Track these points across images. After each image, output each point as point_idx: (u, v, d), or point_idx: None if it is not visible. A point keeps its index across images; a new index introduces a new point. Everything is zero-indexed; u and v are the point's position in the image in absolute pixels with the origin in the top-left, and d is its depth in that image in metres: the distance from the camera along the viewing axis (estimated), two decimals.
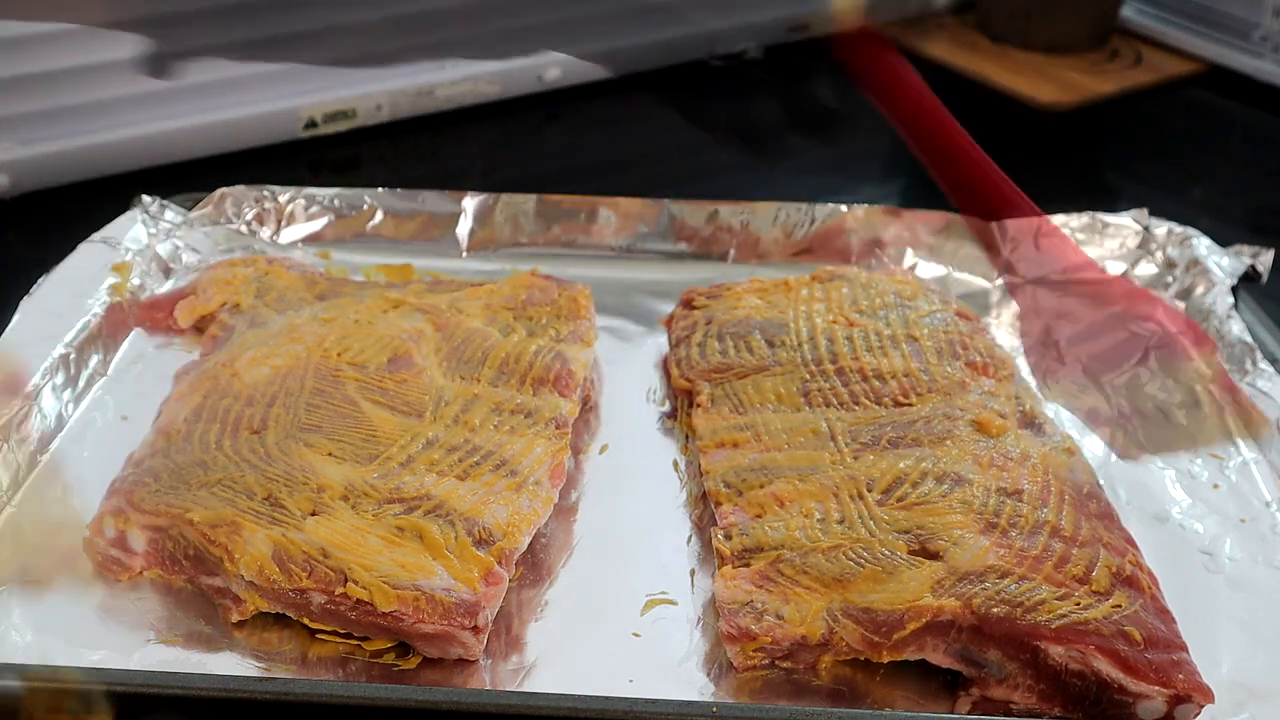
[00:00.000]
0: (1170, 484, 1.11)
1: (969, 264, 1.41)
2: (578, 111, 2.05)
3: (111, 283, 1.26)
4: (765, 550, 0.95)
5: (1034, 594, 0.90)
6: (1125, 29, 2.32)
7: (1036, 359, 1.28)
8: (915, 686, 0.92)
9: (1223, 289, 1.31)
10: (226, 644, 0.93)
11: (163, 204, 1.40)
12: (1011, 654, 0.88)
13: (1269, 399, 1.16)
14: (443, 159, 1.91)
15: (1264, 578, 1.01)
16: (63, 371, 1.15)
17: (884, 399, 1.11)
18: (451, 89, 1.97)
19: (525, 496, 1.00)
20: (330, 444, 1.03)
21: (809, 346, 1.17)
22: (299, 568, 0.92)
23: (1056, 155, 2.01)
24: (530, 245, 1.43)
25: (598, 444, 1.15)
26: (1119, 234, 1.40)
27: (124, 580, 0.97)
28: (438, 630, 0.89)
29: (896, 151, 2.09)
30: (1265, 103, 2.10)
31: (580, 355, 1.17)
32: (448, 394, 1.10)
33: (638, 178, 1.89)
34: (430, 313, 1.21)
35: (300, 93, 1.89)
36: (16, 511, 1.04)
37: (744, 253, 1.43)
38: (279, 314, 1.22)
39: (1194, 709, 0.86)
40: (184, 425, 1.06)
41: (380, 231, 1.43)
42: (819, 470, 1.02)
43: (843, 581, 0.92)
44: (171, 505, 0.97)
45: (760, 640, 0.90)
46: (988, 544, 0.94)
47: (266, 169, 1.80)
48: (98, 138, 1.75)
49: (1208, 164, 2.00)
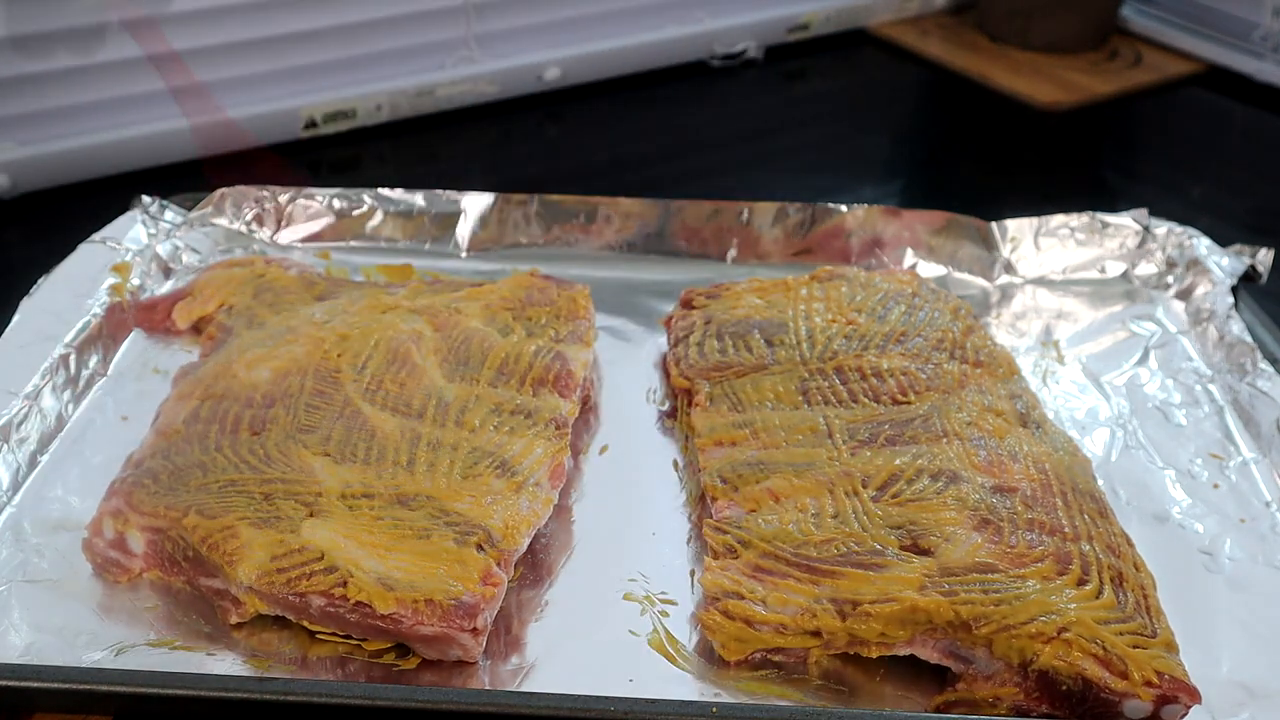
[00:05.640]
0: (1170, 484, 1.11)
1: (969, 264, 1.41)
2: (578, 111, 2.05)
3: (111, 283, 1.26)
4: (757, 543, 0.95)
5: (1023, 592, 0.90)
6: (1125, 29, 2.32)
7: (1036, 359, 1.28)
8: (907, 682, 0.92)
9: (1223, 289, 1.31)
10: (226, 644, 0.93)
11: (163, 204, 1.40)
12: (998, 652, 0.89)
13: (1269, 399, 1.16)
14: (443, 159, 1.91)
15: (1264, 578, 1.01)
16: (63, 371, 1.15)
17: (882, 397, 1.11)
18: (451, 89, 1.97)
19: (525, 497, 1.00)
20: (329, 445, 1.03)
21: (808, 345, 1.17)
22: (297, 571, 0.91)
23: (1056, 155, 2.01)
24: (530, 245, 1.43)
25: (597, 444, 1.15)
26: (1119, 234, 1.40)
27: (123, 582, 0.97)
28: (437, 632, 0.89)
29: (896, 151, 2.10)
30: (1265, 103, 2.11)
31: (580, 355, 1.17)
32: (447, 395, 1.10)
33: (638, 178, 1.89)
34: (429, 313, 1.21)
35: (300, 93, 1.89)
36: (16, 511, 1.04)
37: (744, 253, 1.43)
38: (277, 315, 1.21)
39: (1181, 709, 0.86)
40: (183, 427, 1.06)
41: (380, 231, 1.43)
42: (815, 466, 1.02)
43: (832, 575, 0.92)
44: (171, 507, 0.97)
45: (738, 624, 0.90)
46: (980, 541, 0.94)
47: (267, 169, 1.81)
48: (98, 138, 1.75)
49: (1208, 164, 2.00)
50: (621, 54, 2.12)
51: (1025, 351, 1.29)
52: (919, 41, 2.31)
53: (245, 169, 1.77)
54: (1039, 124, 2.06)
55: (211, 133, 1.77)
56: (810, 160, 1.98)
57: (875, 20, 2.36)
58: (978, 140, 2.08)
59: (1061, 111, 2.08)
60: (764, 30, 2.24)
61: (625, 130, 2.04)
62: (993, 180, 1.96)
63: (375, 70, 1.95)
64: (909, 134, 2.18)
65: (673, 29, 2.16)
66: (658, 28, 2.16)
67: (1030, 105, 2.09)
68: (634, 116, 2.08)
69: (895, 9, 2.38)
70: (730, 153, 1.98)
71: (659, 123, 2.07)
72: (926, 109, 2.27)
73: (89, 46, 1.72)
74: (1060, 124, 2.06)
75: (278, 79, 1.88)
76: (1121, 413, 1.20)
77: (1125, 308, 1.36)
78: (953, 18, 2.41)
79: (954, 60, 2.23)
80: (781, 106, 2.16)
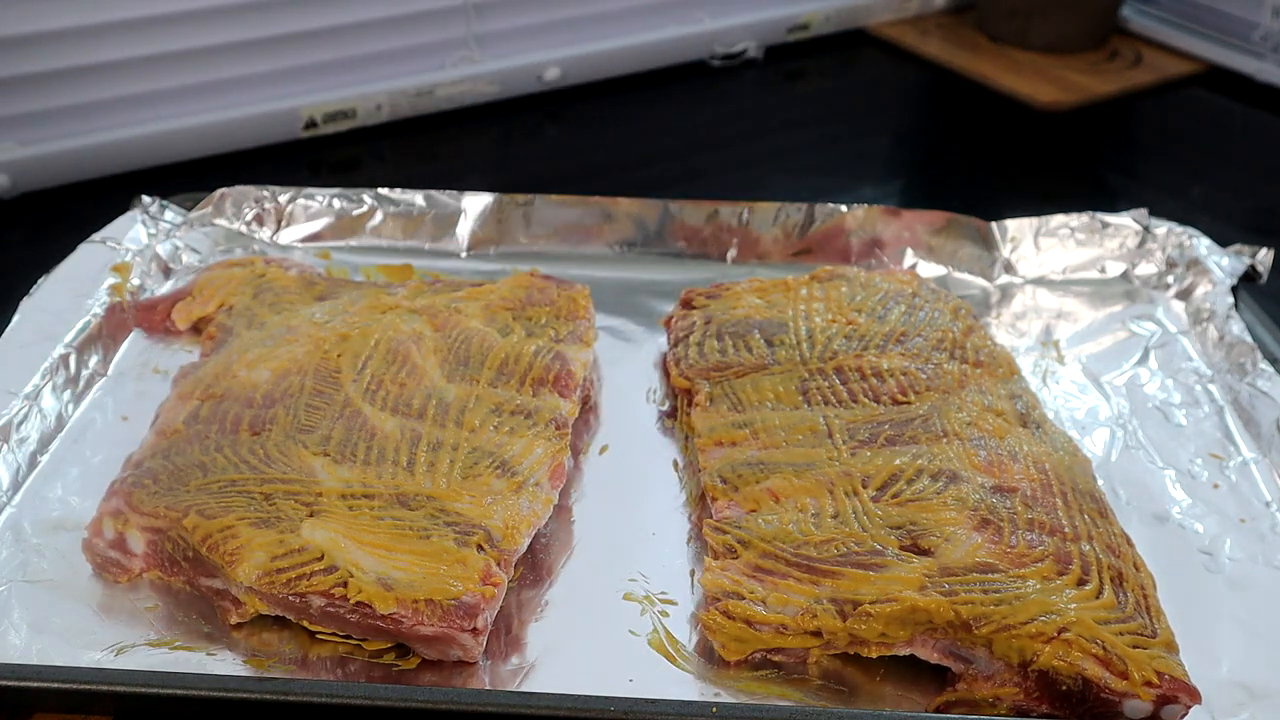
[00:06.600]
0: (1170, 484, 1.11)
1: (969, 264, 1.41)
2: (578, 111, 2.05)
3: (111, 283, 1.26)
4: (757, 543, 0.95)
5: (1023, 592, 0.90)
6: (1125, 29, 2.32)
7: (1036, 359, 1.28)
8: (907, 682, 0.92)
9: (1223, 289, 1.31)
10: (226, 644, 0.93)
11: (163, 204, 1.40)
12: (998, 652, 0.89)
13: (1269, 399, 1.16)
14: (443, 159, 1.91)
15: (1264, 578, 1.01)
16: (63, 371, 1.15)
17: (882, 397, 1.11)
18: (451, 89, 1.97)
19: (525, 498, 1.00)
20: (329, 445, 1.03)
21: (808, 345, 1.17)
22: (297, 572, 0.91)
23: (1056, 155, 2.01)
24: (530, 245, 1.43)
25: (597, 444, 1.15)
26: (1119, 234, 1.40)
27: (123, 582, 0.97)
28: (437, 632, 0.89)
29: (896, 151, 2.10)
30: (1265, 103, 2.11)
31: (580, 355, 1.17)
32: (447, 395, 1.10)
33: (638, 178, 1.89)
34: (429, 313, 1.21)
35: (300, 93, 1.89)
36: (16, 511, 1.04)
37: (744, 253, 1.43)
38: (277, 315, 1.21)
39: (1181, 709, 0.86)
40: (183, 427, 1.06)
41: (380, 231, 1.43)
42: (815, 467, 1.02)
43: (832, 575, 0.92)
44: (171, 507, 0.97)
45: (738, 624, 0.90)
46: (980, 541, 0.94)
47: (267, 169, 1.81)
48: (98, 138, 1.75)
49: (1208, 164, 2.00)
50: (621, 54, 2.12)
51: (1025, 351, 1.29)
52: (919, 41, 2.31)
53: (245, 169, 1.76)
54: (1039, 124, 2.07)
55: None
56: (810, 160, 1.98)
57: (875, 20, 2.36)
58: (978, 140, 2.08)
59: (1061, 112, 2.08)
60: (764, 30, 2.25)
61: (625, 130, 2.04)
62: (993, 180, 1.96)
63: (375, 70, 1.95)
64: (909, 134, 2.18)
65: (673, 29, 2.17)
66: (658, 28, 2.16)
67: (1030, 105, 2.09)
68: (634, 116, 2.08)
69: (895, 9, 2.38)
70: (730, 153, 1.98)
71: (659, 123, 2.07)
72: (926, 109, 2.28)
73: (89, 46, 1.72)
74: (1060, 124, 2.06)
75: (277, 79, 1.88)
76: (1121, 413, 1.20)
77: (1125, 308, 1.36)
78: (953, 18, 2.41)
79: (954, 60, 2.24)
80: (781, 107, 2.17)
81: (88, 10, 1.70)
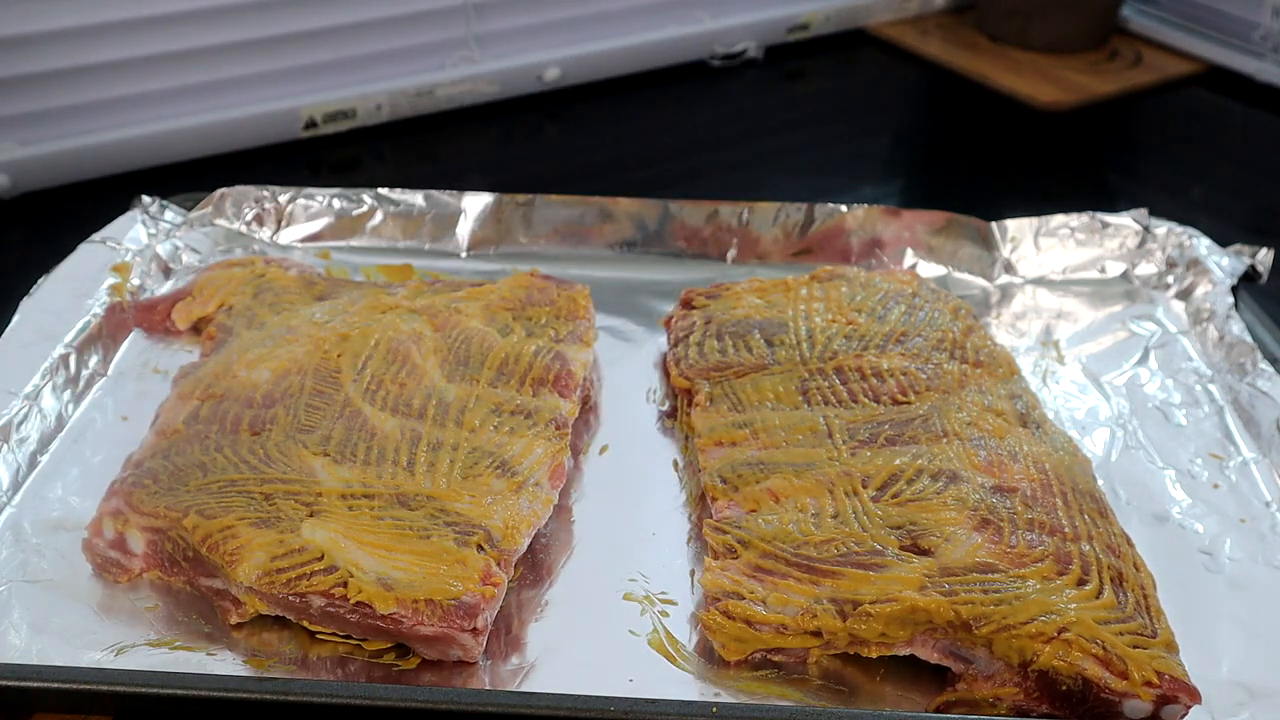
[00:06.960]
0: (1170, 484, 1.11)
1: (969, 264, 1.41)
2: (578, 111, 2.05)
3: (111, 283, 1.26)
4: (757, 543, 0.95)
5: (1023, 592, 0.90)
6: (1125, 29, 2.32)
7: (1036, 359, 1.28)
8: (907, 682, 0.92)
9: (1223, 289, 1.31)
10: (226, 644, 0.93)
11: (163, 204, 1.40)
12: (998, 652, 0.89)
13: (1269, 399, 1.16)
14: (443, 159, 1.91)
15: (1264, 578, 1.01)
16: (63, 371, 1.15)
17: (882, 397, 1.11)
18: (451, 89, 1.97)
19: (525, 498, 1.00)
20: (329, 445, 1.03)
21: (808, 345, 1.17)
22: (297, 572, 0.91)
23: (1056, 155, 2.01)
24: (530, 245, 1.43)
25: (597, 444, 1.15)
26: (1119, 234, 1.40)
27: (123, 582, 0.97)
28: (437, 632, 0.89)
29: (896, 151, 2.10)
30: (1265, 103, 2.11)
31: (580, 355, 1.17)
32: (447, 395, 1.10)
33: (638, 178, 1.89)
34: (429, 313, 1.21)
35: (300, 93, 1.89)
36: (16, 511, 1.04)
37: (744, 253, 1.43)
38: (277, 315, 1.21)
39: (1181, 709, 0.86)
40: (183, 427, 1.06)
41: (380, 231, 1.43)
42: (815, 466, 1.02)
43: (832, 575, 0.92)
44: (170, 507, 0.97)
45: (738, 624, 0.90)
46: (980, 541, 0.94)
47: (267, 169, 1.81)
48: (98, 138, 1.75)
49: (1208, 164, 2.00)
50: (621, 54, 2.12)
51: (1025, 351, 1.29)
52: (919, 41, 2.31)
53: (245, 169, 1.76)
54: (1039, 124, 2.06)
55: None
56: (810, 160, 1.98)
57: (875, 20, 2.36)
58: (978, 140, 2.08)
59: (1061, 111, 2.08)
60: (764, 30, 2.25)
61: (625, 130, 2.04)
62: (993, 180, 1.96)
63: (375, 70, 1.95)
64: (909, 134, 2.18)
65: (673, 29, 2.17)
66: (658, 28, 2.16)
67: (1030, 105, 2.09)
68: (634, 116, 2.08)
69: (895, 9, 2.38)
70: (730, 153, 1.98)
71: (659, 122, 2.07)
72: (926, 109, 2.27)
73: (89, 46, 1.72)
74: (1060, 124, 2.06)
75: (277, 79, 1.88)
76: (1121, 413, 1.20)
77: (1125, 308, 1.36)
78: (953, 18, 2.41)
79: (954, 60, 2.24)
80: (781, 106, 2.17)
81: (87, 10, 1.70)
